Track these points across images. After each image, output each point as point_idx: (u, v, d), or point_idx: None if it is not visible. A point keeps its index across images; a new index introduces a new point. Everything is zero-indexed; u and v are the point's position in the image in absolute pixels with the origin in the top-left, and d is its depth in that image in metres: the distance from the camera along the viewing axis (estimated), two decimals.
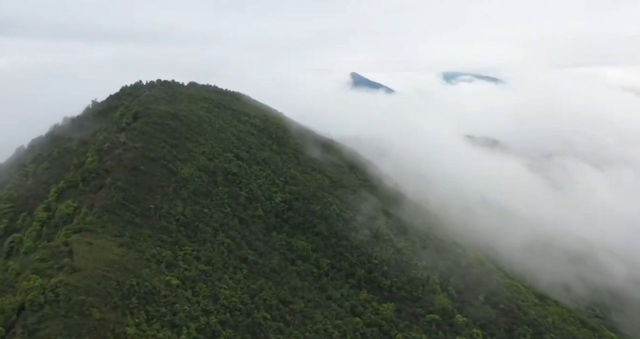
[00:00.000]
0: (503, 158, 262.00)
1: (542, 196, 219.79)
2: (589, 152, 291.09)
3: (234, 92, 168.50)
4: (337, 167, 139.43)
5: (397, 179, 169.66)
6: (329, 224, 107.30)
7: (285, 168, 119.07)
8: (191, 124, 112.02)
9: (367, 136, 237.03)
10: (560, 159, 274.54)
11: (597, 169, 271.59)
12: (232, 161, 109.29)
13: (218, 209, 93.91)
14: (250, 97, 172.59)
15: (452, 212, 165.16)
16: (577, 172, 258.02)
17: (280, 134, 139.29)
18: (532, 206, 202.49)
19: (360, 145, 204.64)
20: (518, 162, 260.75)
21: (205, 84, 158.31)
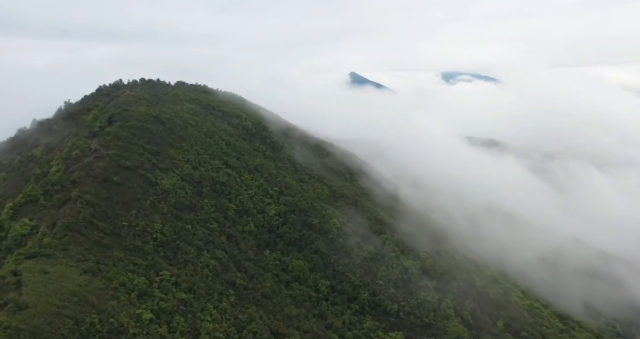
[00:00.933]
0: (506, 160, 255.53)
1: (547, 200, 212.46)
2: (590, 153, 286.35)
3: (226, 93, 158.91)
4: (338, 175, 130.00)
5: (399, 185, 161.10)
6: (329, 240, 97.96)
7: (280, 176, 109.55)
8: (175, 128, 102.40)
9: (366, 138, 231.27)
10: (562, 160, 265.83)
11: (600, 171, 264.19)
12: (220, 169, 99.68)
13: (203, 225, 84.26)
14: (244, 98, 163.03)
15: (457, 221, 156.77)
16: (581, 175, 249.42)
17: (276, 138, 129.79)
18: (538, 212, 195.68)
19: (360, 148, 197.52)
20: (521, 164, 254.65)
21: (194, 83, 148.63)
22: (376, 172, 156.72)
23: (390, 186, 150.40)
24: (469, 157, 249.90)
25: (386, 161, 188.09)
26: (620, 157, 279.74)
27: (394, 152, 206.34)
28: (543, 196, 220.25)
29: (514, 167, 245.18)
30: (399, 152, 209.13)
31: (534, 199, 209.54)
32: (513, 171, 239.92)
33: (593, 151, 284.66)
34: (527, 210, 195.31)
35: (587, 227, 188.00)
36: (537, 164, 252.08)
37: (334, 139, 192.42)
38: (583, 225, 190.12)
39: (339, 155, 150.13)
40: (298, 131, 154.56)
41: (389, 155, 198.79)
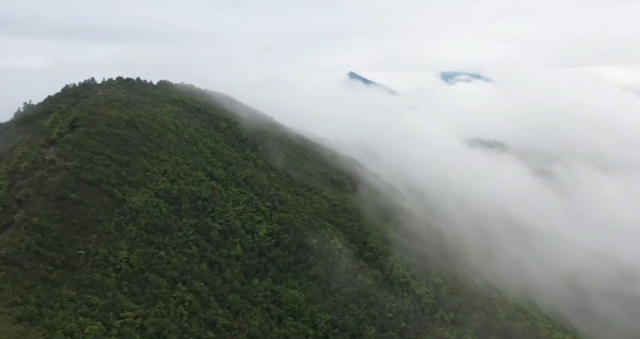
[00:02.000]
0: (509, 164, 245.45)
1: (557, 207, 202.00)
2: (592, 154, 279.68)
3: (216, 93, 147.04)
4: (338, 185, 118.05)
5: (401, 193, 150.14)
6: (329, 264, 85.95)
7: (273, 189, 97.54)
8: (151, 134, 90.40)
9: (364, 141, 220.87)
10: (565, 162, 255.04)
11: (604, 173, 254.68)
12: (203, 182, 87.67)
13: (180, 251, 72.19)
14: (235, 100, 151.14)
15: (467, 235, 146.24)
16: (586, 178, 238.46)
17: (269, 144, 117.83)
18: (550, 220, 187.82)
19: (358, 151, 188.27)
20: (525, 168, 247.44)
21: (180, 82, 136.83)
22: (377, 179, 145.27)
23: (394, 195, 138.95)
24: (472, 161, 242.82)
25: (386, 165, 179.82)
26: (621, 159, 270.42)
27: (393, 155, 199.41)
28: (551, 203, 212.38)
29: (519, 172, 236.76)
30: (399, 155, 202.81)
31: (542, 206, 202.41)
32: (519, 176, 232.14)
33: (594, 152, 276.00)
34: (538, 219, 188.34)
35: (603, 237, 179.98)
36: (540, 166, 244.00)
37: (332, 142, 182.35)
38: (599, 235, 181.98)
39: (339, 162, 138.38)
40: (295, 135, 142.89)
41: (388, 159, 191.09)
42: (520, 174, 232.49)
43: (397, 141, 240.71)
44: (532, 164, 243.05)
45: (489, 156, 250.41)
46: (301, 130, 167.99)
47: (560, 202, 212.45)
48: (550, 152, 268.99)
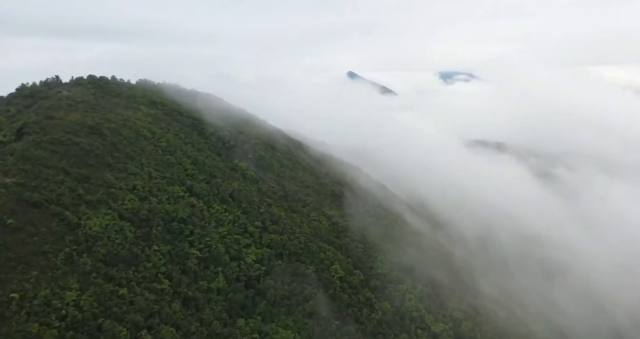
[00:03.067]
0: (513, 167, 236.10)
1: (568, 215, 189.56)
2: (594, 156, 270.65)
3: (203, 94, 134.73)
4: (339, 198, 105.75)
5: (408, 204, 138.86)
6: (329, 297, 73.53)
7: (264, 206, 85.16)
8: (120, 143, 77.90)
9: (365, 144, 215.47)
10: (568, 164, 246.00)
11: (609, 176, 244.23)
12: (180, 199, 75.18)
13: (147, 287, 59.68)
14: (225, 101, 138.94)
15: (481, 253, 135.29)
16: (593, 182, 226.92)
17: (261, 152, 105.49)
18: (563, 230, 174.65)
19: (359, 156, 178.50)
20: (528, 171, 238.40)
21: (162, 82, 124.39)
22: (381, 189, 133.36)
23: (398, 206, 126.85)
24: (474, 165, 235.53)
25: (386, 171, 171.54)
26: (622, 160, 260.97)
27: (392, 160, 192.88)
28: (560, 209, 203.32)
29: (522, 176, 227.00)
30: (398, 160, 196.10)
31: (551, 213, 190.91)
32: (523, 180, 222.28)
33: (595, 154, 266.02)
34: (550, 229, 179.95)
35: (620, 247, 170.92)
36: (542, 168, 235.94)
37: (331, 146, 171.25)
38: (616, 245, 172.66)
39: (339, 171, 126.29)
40: (291, 141, 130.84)
41: (387, 164, 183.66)
42: (525, 178, 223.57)
43: (396, 144, 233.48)
44: (534, 166, 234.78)
45: (490, 159, 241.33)
46: (298, 134, 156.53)
47: (569, 208, 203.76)
48: (551, 154, 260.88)
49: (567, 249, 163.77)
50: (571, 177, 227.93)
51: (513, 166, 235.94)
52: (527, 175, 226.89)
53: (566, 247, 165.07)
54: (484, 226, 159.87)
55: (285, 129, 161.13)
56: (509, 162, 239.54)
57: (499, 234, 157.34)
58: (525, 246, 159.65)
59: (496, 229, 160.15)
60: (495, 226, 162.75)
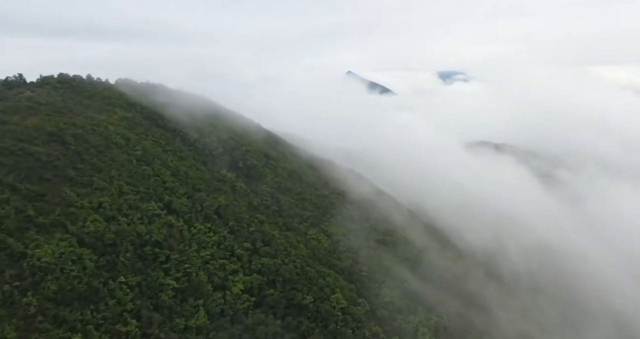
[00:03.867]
0: (516, 169, 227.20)
1: (574, 220, 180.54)
2: (595, 157, 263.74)
3: (190, 95, 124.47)
4: (341, 212, 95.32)
5: (412, 213, 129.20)
6: (329, 333, 63.25)
7: (255, 223, 74.89)
8: (86, 152, 67.59)
9: (364, 147, 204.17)
10: (569, 166, 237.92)
11: (612, 178, 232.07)
12: (156, 217, 64.86)
13: (107, 331, 49.23)
14: (214, 103, 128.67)
15: (495, 270, 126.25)
16: (596, 184, 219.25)
17: (253, 160, 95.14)
18: (571, 237, 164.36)
19: (360, 159, 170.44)
20: (531, 173, 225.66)
21: (146, 81, 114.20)
22: (384, 199, 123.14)
23: (402, 218, 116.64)
24: (476, 168, 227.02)
25: (385, 175, 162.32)
26: (623, 161, 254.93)
27: (392, 163, 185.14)
28: (565, 213, 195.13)
29: (526, 178, 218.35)
30: (398, 162, 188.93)
31: (557, 218, 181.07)
32: (527, 183, 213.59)
33: (596, 154, 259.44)
34: (560, 236, 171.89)
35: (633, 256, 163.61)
36: (544, 169, 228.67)
37: (331, 149, 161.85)
38: (628, 253, 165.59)
39: (339, 179, 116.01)
40: (287, 146, 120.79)
41: (387, 167, 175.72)
42: (528, 180, 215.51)
43: (395, 145, 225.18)
44: (535, 167, 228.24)
45: (492, 160, 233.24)
46: (295, 137, 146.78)
47: (574, 212, 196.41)
48: (553, 155, 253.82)
49: (582, 260, 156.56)
50: (573, 179, 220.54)
51: (515, 167, 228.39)
52: (530, 177, 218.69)
53: (580, 258, 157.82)
54: (491, 234, 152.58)
55: (282, 132, 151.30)
56: (511, 163, 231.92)
57: (507, 244, 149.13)
58: (537, 259, 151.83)
59: (504, 238, 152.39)
60: (502, 234, 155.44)
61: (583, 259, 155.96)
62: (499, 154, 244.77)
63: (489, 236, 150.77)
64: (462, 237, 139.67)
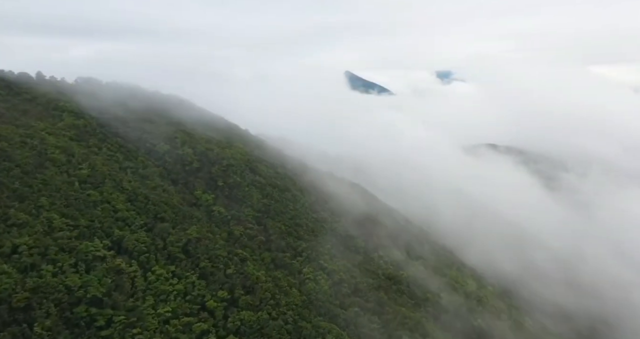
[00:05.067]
0: (520, 172, 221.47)
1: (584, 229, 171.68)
2: (599, 159, 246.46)
3: (169, 97, 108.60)
4: (344, 240, 78.99)
5: (427, 233, 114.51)
6: None
7: (235, 262, 58.67)
8: (4, 173, 51.19)
9: (367, 153, 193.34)
10: (571, 168, 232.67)
11: (617, 183, 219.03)
12: (98, 262, 48.56)
13: None
14: (197, 106, 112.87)
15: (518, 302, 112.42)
16: (602, 189, 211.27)
17: (236, 177, 78.85)
18: (583, 248, 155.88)
19: (360, 164, 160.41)
20: (536, 176, 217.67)
21: (113, 80, 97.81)
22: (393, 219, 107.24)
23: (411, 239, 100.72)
24: (482, 171, 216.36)
25: (385, 180, 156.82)
26: (626, 161, 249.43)
27: (392, 167, 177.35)
28: (575, 222, 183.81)
29: (532, 183, 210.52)
30: (398, 166, 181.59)
31: (566, 227, 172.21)
32: (533, 188, 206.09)
33: (600, 157, 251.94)
34: (573, 248, 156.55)
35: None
36: (548, 172, 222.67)
37: (329, 157, 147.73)
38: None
39: (341, 195, 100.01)
40: (279, 158, 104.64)
41: (386, 171, 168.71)
42: (534, 185, 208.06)
43: (396, 151, 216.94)
44: (539, 170, 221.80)
45: (496, 165, 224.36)
46: (288, 144, 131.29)
47: (584, 223, 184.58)
48: (556, 157, 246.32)
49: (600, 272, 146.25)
50: (578, 182, 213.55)
51: (519, 171, 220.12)
52: (535, 181, 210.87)
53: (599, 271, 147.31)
54: (505, 254, 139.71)
55: (274, 136, 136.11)
56: (515, 168, 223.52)
57: (528, 271, 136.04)
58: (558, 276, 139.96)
59: (521, 260, 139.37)
60: (520, 256, 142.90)
61: (605, 273, 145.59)
62: (502, 157, 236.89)
63: (504, 256, 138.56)
64: (476, 260, 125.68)
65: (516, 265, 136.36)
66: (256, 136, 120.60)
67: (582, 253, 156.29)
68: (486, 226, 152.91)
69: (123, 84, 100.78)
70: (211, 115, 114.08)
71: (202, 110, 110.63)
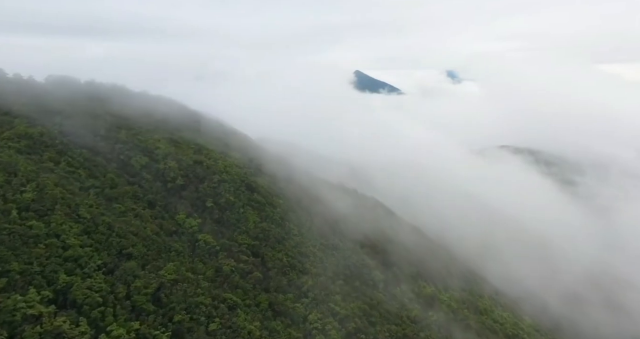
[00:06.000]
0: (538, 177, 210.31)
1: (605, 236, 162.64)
2: (615, 162, 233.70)
3: (157, 98, 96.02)
4: (359, 275, 65.49)
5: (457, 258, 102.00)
6: None
7: (221, 311, 45.53)
8: None
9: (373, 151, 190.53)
10: (587, 171, 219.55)
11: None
12: (29, 322, 35.60)
13: None
14: (191, 109, 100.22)
15: None
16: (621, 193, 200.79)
17: (229, 196, 65.78)
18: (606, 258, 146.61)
19: (374, 177, 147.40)
20: (553, 181, 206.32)
21: (91, 79, 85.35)
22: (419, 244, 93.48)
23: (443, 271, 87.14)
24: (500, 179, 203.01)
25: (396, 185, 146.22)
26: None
27: (402, 171, 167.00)
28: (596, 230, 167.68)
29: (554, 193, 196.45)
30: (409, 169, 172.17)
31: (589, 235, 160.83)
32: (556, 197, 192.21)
33: (619, 159, 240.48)
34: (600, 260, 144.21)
35: None
36: (564, 176, 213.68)
37: (339, 164, 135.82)
38: None
39: (356, 214, 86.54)
40: (283, 169, 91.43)
41: (396, 176, 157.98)
42: (553, 192, 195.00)
43: (406, 154, 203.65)
44: (556, 173, 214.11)
45: (510, 167, 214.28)
46: (291, 147, 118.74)
47: (608, 231, 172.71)
48: (571, 159, 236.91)
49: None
50: (597, 186, 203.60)
51: (534, 174, 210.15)
52: (553, 186, 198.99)
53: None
54: (534, 270, 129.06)
55: (279, 141, 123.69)
56: (531, 171, 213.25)
57: (561, 293, 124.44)
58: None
59: (554, 281, 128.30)
60: (547, 271, 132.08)
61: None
62: (515, 159, 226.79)
63: (531, 273, 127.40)
64: (501, 278, 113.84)
65: (546, 284, 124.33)
66: (257, 142, 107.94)
67: (612, 267, 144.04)
68: (507, 236, 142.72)
69: (105, 84, 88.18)
70: (206, 119, 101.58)
71: (195, 113, 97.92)
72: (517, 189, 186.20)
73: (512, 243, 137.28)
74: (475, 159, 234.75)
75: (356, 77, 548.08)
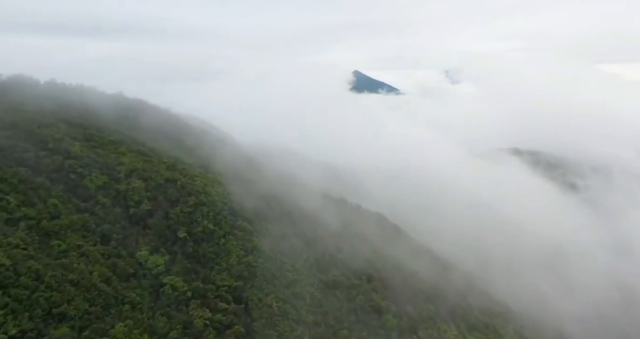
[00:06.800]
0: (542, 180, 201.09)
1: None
2: (616, 163, 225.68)
3: (138, 103, 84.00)
4: (366, 319, 53.51)
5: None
6: None
7: None
8: None
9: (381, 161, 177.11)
10: (589, 174, 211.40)
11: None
12: None
13: None
14: (169, 113, 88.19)
15: None
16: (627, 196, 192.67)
17: (209, 224, 53.69)
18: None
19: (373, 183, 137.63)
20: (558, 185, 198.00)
21: (51, 79, 73.42)
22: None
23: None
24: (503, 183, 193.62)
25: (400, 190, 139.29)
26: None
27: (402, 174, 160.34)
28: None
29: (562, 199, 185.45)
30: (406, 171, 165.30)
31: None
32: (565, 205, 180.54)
33: (622, 162, 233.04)
34: None
35: None
36: (567, 179, 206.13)
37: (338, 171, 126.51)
38: None
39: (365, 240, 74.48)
40: (275, 180, 79.42)
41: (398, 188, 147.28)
42: (560, 197, 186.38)
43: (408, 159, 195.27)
44: (560, 176, 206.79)
45: (515, 170, 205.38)
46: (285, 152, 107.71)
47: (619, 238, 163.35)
48: (573, 161, 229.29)
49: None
50: (604, 189, 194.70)
51: (539, 177, 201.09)
52: (559, 190, 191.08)
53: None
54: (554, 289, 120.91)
55: (276, 146, 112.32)
56: (534, 174, 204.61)
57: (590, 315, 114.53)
58: None
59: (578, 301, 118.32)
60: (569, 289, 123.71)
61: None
62: (519, 163, 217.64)
63: (552, 292, 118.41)
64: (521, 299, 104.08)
65: (571, 305, 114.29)
66: (249, 150, 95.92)
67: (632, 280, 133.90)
68: (514, 246, 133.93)
69: (70, 85, 76.11)
70: (191, 126, 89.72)
71: (177, 119, 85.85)
72: (520, 194, 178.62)
73: (521, 252, 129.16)
74: (479, 162, 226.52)
75: (355, 77, 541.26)
